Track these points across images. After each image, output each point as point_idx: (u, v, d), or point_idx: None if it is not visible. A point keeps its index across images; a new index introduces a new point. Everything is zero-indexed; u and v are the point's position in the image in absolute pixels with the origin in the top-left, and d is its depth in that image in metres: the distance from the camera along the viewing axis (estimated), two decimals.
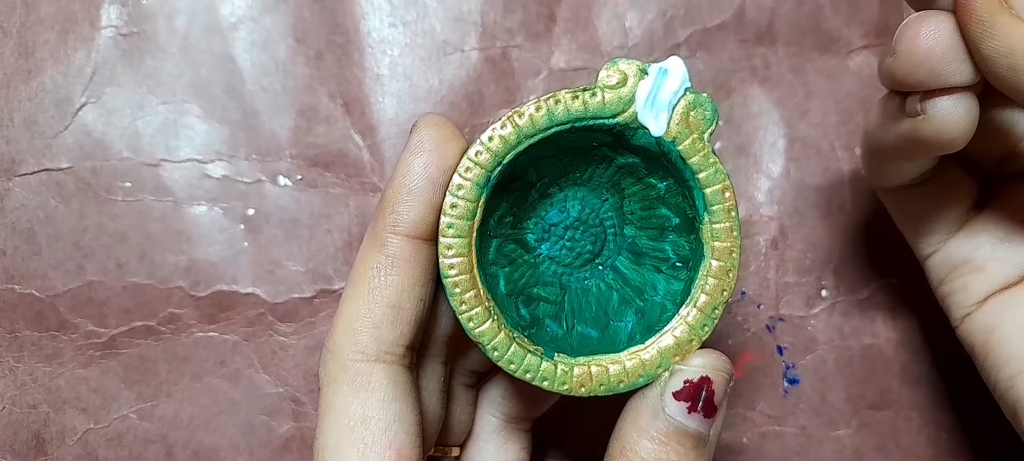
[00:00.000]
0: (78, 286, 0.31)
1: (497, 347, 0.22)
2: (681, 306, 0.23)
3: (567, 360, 0.22)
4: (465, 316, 0.22)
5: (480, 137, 0.22)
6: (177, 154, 0.31)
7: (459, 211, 0.22)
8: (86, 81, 0.31)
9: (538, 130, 0.22)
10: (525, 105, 0.22)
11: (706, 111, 0.22)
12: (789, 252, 0.32)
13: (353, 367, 0.22)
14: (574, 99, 0.22)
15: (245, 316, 0.31)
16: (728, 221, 0.22)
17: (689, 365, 0.22)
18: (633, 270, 0.25)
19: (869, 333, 0.32)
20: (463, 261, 0.22)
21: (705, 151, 0.22)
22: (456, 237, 0.22)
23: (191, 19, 0.31)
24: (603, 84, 0.22)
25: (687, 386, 0.22)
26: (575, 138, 0.22)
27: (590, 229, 0.25)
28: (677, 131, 0.22)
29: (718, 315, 0.23)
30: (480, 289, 0.22)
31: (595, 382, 0.22)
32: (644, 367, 0.22)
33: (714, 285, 0.23)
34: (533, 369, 0.22)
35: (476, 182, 0.22)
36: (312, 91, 0.31)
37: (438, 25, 0.31)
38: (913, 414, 0.31)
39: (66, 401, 0.31)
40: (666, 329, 0.23)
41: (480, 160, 0.22)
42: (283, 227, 0.31)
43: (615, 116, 0.22)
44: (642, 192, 0.24)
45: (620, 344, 0.23)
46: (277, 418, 0.31)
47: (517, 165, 0.22)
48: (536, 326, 0.24)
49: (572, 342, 0.24)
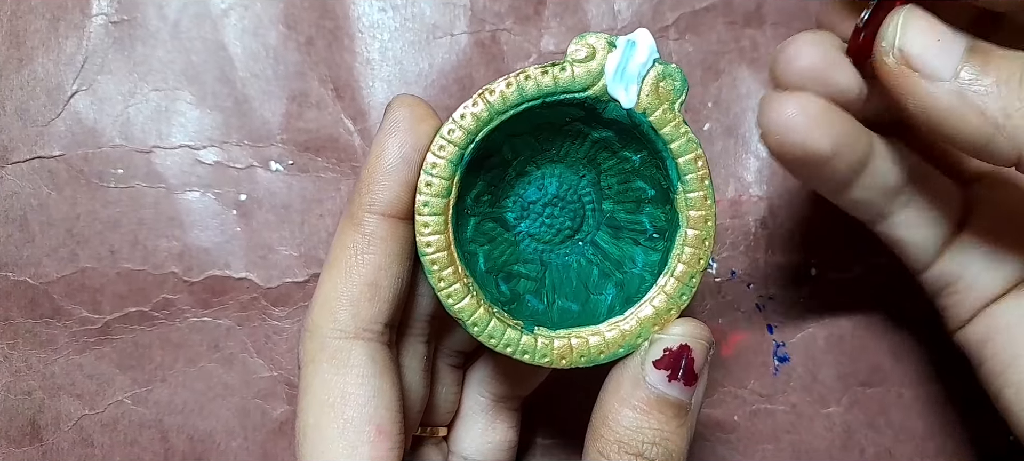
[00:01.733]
0: (71, 273, 0.31)
1: (477, 322, 0.22)
2: (659, 276, 0.23)
3: (547, 333, 0.23)
4: (444, 293, 0.22)
5: (453, 115, 0.22)
6: (169, 141, 0.31)
7: (434, 189, 0.22)
8: (77, 69, 0.31)
9: (509, 106, 0.22)
10: (496, 82, 0.22)
11: (675, 81, 0.22)
12: (778, 231, 0.32)
13: (332, 344, 0.22)
14: (544, 74, 0.22)
15: (238, 301, 0.31)
16: (702, 190, 0.22)
17: (668, 334, 0.22)
18: (612, 244, 0.25)
19: (859, 311, 0.32)
20: (440, 238, 0.22)
21: (676, 121, 0.22)
22: (432, 215, 0.22)
23: (182, 6, 0.31)
24: (572, 58, 0.22)
25: (667, 354, 0.22)
26: (548, 114, 0.23)
27: (569, 205, 0.25)
28: (647, 102, 0.22)
29: (696, 284, 0.23)
30: (458, 266, 0.22)
31: (576, 354, 0.22)
32: (624, 337, 0.23)
33: (691, 254, 0.23)
34: (513, 343, 0.22)
35: (450, 160, 0.22)
36: (303, 77, 0.31)
37: (428, 9, 0.32)
38: (903, 390, 0.32)
39: (61, 387, 0.31)
40: (645, 299, 0.23)
41: (453, 138, 0.22)
42: (275, 212, 0.31)
43: (585, 90, 0.22)
44: (618, 166, 0.24)
45: (600, 317, 0.23)
46: (271, 402, 0.31)
47: (492, 143, 0.22)
48: (516, 302, 0.24)
49: (553, 316, 0.24)
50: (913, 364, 0.32)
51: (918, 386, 0.32)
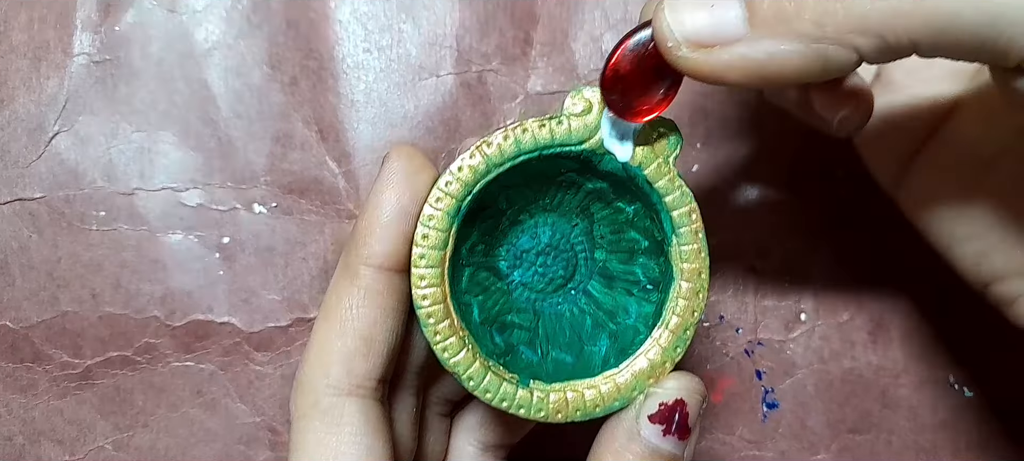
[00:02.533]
0: (52, 317, 0.30)
1: (473, 377, 0.22)
2: (653, 328, 0.23)
3: (543, 387, 0.22)
4: (440, 346, 0.22)
5: (449, 167, 0.22)
6: (152, 182, 0.31)
7: (431, 241, 0.22)
8: (59, 109, 0.31)
9: (506, 159, 0.22)
10: (493, 134, 0.22)
11: (671, 136, 0.22)
12: (768, 276, 0.32)
13: (324, 401, 0.22)
14: (541, 128, 0.22)
15: (221, 345, 0.31)
16: (696, 243, 0.22)
17: (663, 388, 0.22)
18: (605, 294, 0.25)
19: (849, 356, 0.31)
20: (436, 291, 0.22)
21: (670, 175, 0.22)
22: (429, 267, 0.22)
23: (165, 46, 0.31)
24: (569, 112, 0.22)
25: (662, 409, 0.22)
26: (543, 166, 0.22)
27: (561, 254, 0.25)
28: (642, 156, 0.22)
29: (689, 337, 0.23)
30: (454, 319, 0.22)
31: (571, 408, 0.22)
32: (619, 391, 0.22)
33: (684, 306, 0.23)
34: (509, 398, 0.22)
35: (447, 212, 0.22)
36: (287, 117, 0.31)
37: (413, 50, 0.31)
38: (893, 438, 0.31)
39: (41, 432, 0.30)
40: (639, 352, 0.23)
41: (450, 190, 0.22)
42: (258, 255, 0.31)
43: (581, 143, 0.22)
44: (611, 216, 0.24)
45: (595, 368, 0.23)
46: (254, 447, 0.31)
47: (487, 194, 0.22)
48: (511, 353, 0.24)
49: (547, 368, 0.24)
50: (903, 411, 0.31)
51: (908, 433, 0.31)
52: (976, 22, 0.17)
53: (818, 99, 0.23)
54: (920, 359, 0.31)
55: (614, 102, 0.21)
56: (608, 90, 0.21)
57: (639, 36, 0.21)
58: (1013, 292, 0.24)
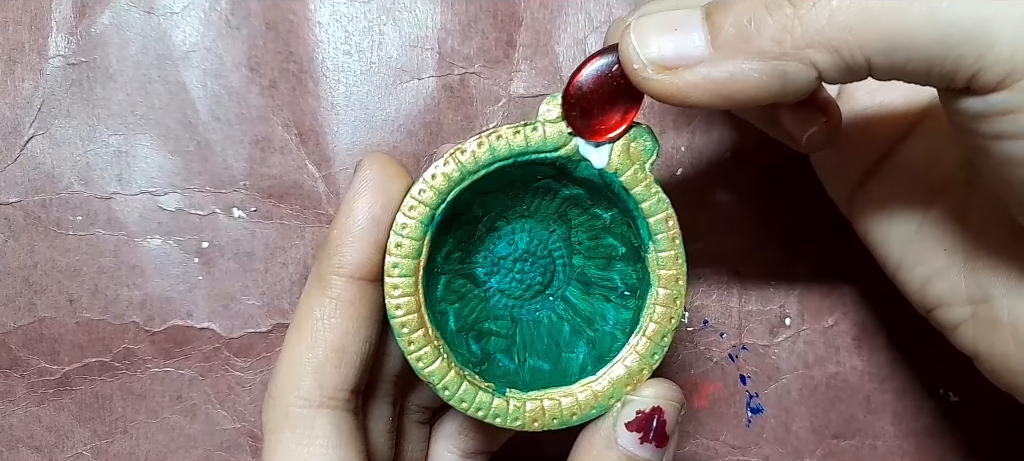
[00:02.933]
0: (29, 323, 0.30)
1: (448, 386, 0.22)
2: (631, 335, 0.23)
3: (519, 395, 0.22)
4: (414, 356, 0.21)
5: (423, 175, 0.21)
6: (130, 186, 0.30)
7: (404, 250, 0.21)
8: (34, 112, 0.30)
9: (480, 166, 0.21)
10: (467, 141, 0.21)
11: (646, 142, 0.22)
12: (752, 280, 0.31)
13: (296, 413, 0.21)
14: (515, 134, 0.21)
15: (201, 351, 0.30)
16: (673, 249, 0.22)
17: (640, 395, 0.22)
18: (583, 300, 0.24)
19: (833, 361, 0.31)
20: (410, 300, 0.21)
21: (647, 181, 0.22)
22: (402, 276, 0.21)
23: (142, 48, 0.30)
24: (544, 118, 0.22)
25: (639, 416, 0.22)
26: (519, 172, 0.22)
27: (539, 261, 0.24)
28: (619, 163, 0.22)
29: (667, 343, 0.23)
30: (429, 328, 0.22)
31: (548, 416, 0.22)
32: (596, 399, 0.22)
33: (662, 313, 0.22)
34: (485, 407, 0.22)
35: (420, 220, 0.21)
36: (266, 121, 0.31)
37: (394, 52, 0.31)
38: (878, 443, 0.31)
39: (19, 439, 0.30)
40: (617, 359, 0.23)
41: (424, 198, 0.21)
42: (238, 260, 0.30)
43: (557, 150, 0.22)
44: (588, 222, 0.24)
45: (572, 376, 0.23)
46: (235, 454, 0.31)
47: (462, 201, 0.22)
48: (487, 362, 0.23)
49: (524, 377, 0.24)
50: (888, 416, 0.31)
51: (893, 438, 0.31)
52: (926, 40, 0.18)
53: (786, 116, 0.23)
54: (905, 364, 0.31)
55: (574, 120, 0.21)
56: (569, 108, 0.21)
57: (603, 60, 0.21)
58: (955, 319, 0.24)
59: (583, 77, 0.21)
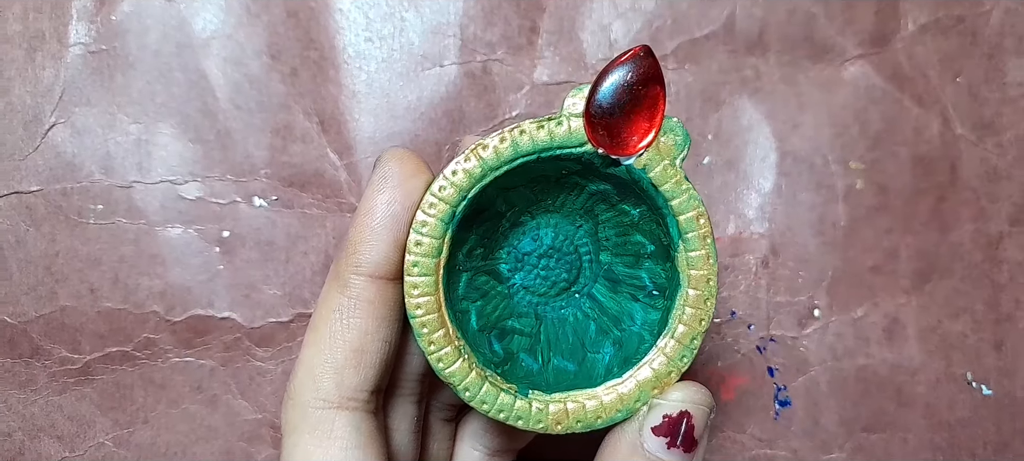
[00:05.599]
0: (51, 311, 0.30)
1: (469, 387, 0.21)
2: (659, 337, 0.22)
3: (542, 397, 0.22)
4: (434, 357, 0.21)
5: (443, 171, 0.21)
6: (150, 175, 0.30)
7: (424, 249, 0.21)
8: (55, 101, 0.30)
9: (503, 162, 0.21)
10: (490, 137, 0.21)
11: (677, 137, 0.21)
12: (780, 271, 0.31)
13: (314, 415, 0.21)
14: (539, 129, 0.21)
15: (222, 341, 0.30)
16: (703, 248, 0.21)
17: (668, 399, 0.21)
18: (610, 298, 0.24)
19: (863, 354, 0.31)
20: (430, 300, 0.21)
21: (677, 178, 0.21)
22: (422, 275, 0.21)
23: (163, 35, 0.30)
24: (569, 112, 0.21)
25: (666, 421, 0.21)
26: (543, 167, 0.22)
27: (565, 257, 0.24)
28: (648, 158, 0.21)
29: (697, 346, 0.22)
30: (449, 328, 0.21)
31: (572, 419, 0.22)
32: (622, 401, 0.22)
33: (691, 315, 0.22)
34: (507, 408, 0.21)
35: (441, 218, 0.21)
36: (287, 109, 0.30)
37: (416, 39, 0.30)
38: (909, 436, 0.31)
39: (41, 429, 0.30)
40: (644, 361, 0.22)
41: (444, 195, 0.21)
42: (259, 249, 0.30)
43: (582, 145, 0.21)
44: (616, 218, 0.23)
45: (598, 377, 0.22)
46: (256, 445, 0.30)
47: (484, 197, 0.21)
48: (510, 362, 0.23)
49: (548, 377, 0.23)
50: (919, 408, 0.31)
51: (924, 431, 0.30)
52: None
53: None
54: (936, 356, 0.30)
55: (602, 140, 0.21)
56: (593, 129, 0.21)
57: (617, 73, 0.20)
58: None
59: (602, 95, 0.20)
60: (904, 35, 0.31)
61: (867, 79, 0.31)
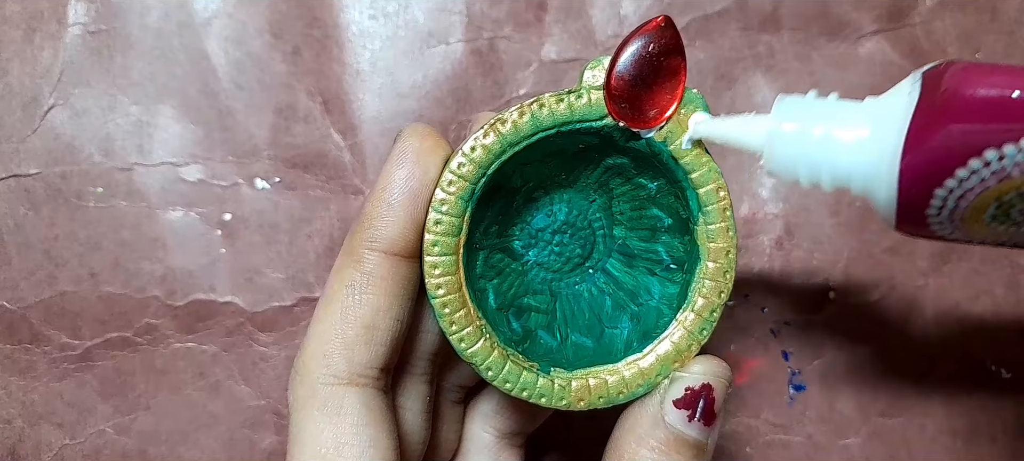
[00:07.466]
0: (50, 296, 0.29)
1: (491, 367, 0.21)
2: (678, 311, 0.22)
3: (564, 374, 0.21)
4: (456, 337, 0.21)
5: (461, 147, 0.20)
6: (150, 157, 0.30)
7: (444, 227, 0.20)
8: (54, 82, 0.29)
9: (523, 137, 0.20)
10: (508, 111, 0.20)
11: (697, 108, 0.21)
12: (795, 252, 0.30)
13: (324, 390, 0.20)
14: (559, 102, 0.20)
15: (224, 326, 0.30)
16: (723, 221, 0.21)
17: (689, 372, 0.21)
18: (625, 273, 0.24)
19: (879, 337, 0.30)
20: (451, 279, 0.21)
21: (697, 150, 0.21)
22: (442, 255, 0.21)
23: (163, 15, 0.30)
24: (589, 85, 0.21)
25: (688, 394, 0.21)
26: (561, 141, 0.21)
27: (579, 232, 0.24)
28: (668, 130, 0.21)
29: (716, 318, 0.22)
30: (470, 307, 0.21)
31: (594, 395, 0.21)
32: (643, 376, 0.21)
33: (711, 287, 0.22)
34: (530, 386, 0.21)
35: (460, 196, 0.20)
36: (289, 88, 0.30)
37: (421, 16, 0.30)
38: (926, 421, 0.30)
39: (41, 416, 0.30)
40: (664, 335, 0.22)
41: (463, 172, 0.20)
42: (262, 232, 0.30)
43: (603, 118, 0.21)
44: (631, 192, 0.23)
45: (617, 353, 0.22)
46: (259, 431, 0.30)
47: (501, 172, 0.21)
48: (529, 340, 0.23)
49: (567, 354, 0.23)
50: (937, 394, 0.30)
51: (942, 417, 0.30)
52: None
53: None
54: (955, 340, 0.30)
55: (624, 113, 0.20)
56: (614, 102, 0.20)
57: (635, 44, 0.20)
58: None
59: (622, 66, 0.20)
60: (922, 10, 0.30)
61: (883, 55, 0.30)
